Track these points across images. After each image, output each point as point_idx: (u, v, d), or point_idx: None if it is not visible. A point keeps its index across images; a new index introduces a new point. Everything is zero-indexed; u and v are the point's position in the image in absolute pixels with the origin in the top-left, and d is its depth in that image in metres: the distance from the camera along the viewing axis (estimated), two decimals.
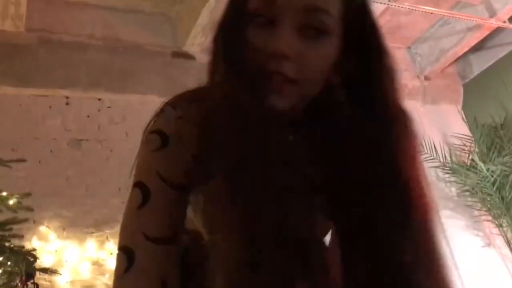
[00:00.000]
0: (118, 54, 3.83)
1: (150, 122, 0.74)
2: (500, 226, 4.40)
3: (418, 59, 5.14)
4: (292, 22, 0.66)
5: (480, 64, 5.24)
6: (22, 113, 3.53)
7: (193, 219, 0.72)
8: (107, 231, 3.31)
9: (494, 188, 4.34)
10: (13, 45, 3.50)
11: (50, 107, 3.62)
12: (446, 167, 4.55)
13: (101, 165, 3.58)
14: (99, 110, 3.75)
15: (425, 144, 4.51)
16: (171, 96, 0.80)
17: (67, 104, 3.67)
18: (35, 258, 2.58)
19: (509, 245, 4.35)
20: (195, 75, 4.38)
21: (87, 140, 3.66)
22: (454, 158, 4.62)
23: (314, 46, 0.68)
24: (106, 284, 3.18)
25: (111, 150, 3.65)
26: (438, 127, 4.86)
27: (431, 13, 4.28)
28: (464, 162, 4.61)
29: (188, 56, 4.05)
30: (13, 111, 3.50)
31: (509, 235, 4.36)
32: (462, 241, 4.30)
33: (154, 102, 4.54)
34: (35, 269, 2.60)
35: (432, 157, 4.50)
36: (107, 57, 3.79)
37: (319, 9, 0.67)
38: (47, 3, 3.67)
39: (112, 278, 0.68)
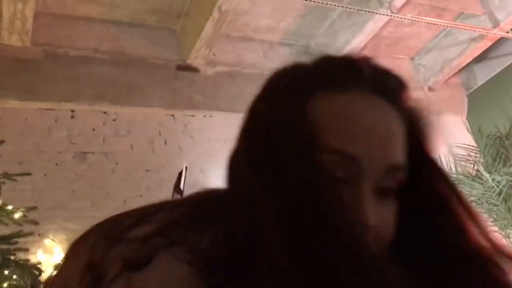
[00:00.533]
0: (123, 68, 3.86)
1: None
2: (507, 237, 4.36)
3: (421, 70, 5.15)
4: (371, 184, 0.56)
5: (484, 74, 5.24)
6: (28, 126, 3.55)
7: None
8: None
9: (500, 199, 4.32)
10: (19, 60, 3.54)
11: (56, 120, 3.65)
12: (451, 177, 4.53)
13: (106, 177, 3.59)
14: (104, 123, 3.77)
15: None
16: (175, 109, 0.63)
17: (72, 117, 3.70)
18: (40, 271, 2.58)
19: None
20: (199, 87, 4.40)
21: (93, 153, 3.68)
22: (459, 169, 4.60)
23: (389, 207, 0.58)
24: None
25: (116, 163, 3.67)
26: (442, 138, 4.84)
27: (434, 24, 4.30)
28: (469, 173, 4.59)
29: (192, 69, 4.08)
30: (19, 125, 3.52)
31: None
32: None
33: (159, 114, 4.55)
34: (40, 283, 2.60)
35: None
36: (112, 70, 3.82)
37: (398, 168, 0.58)
38: (53, 18, 3.71)
39: None
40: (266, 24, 4.31)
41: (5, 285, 2.39)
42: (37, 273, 2.53)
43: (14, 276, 2.44)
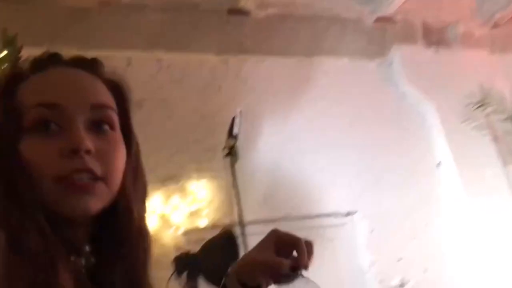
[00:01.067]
0: (174, 14, 3.85)
1: None
2: None
3: (485, 5, 4.85)
4: (81, 121, 0.69)
5: None
6: None
7: None
8: (171, 186, 3.43)
9: None
10: (74, 9, 3.60)
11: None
12: None
13: (162, 124, 3.65)
14: (159, 70, 3.82)
15: (493, 96, 4.31)
16: (228, 54, 0.77)
17: (128, 65, 3.76)
18: None
19: None
20: (251, 31, 4.32)
21: (149, 99, 3.75)
22: None
23: (109, 141, 0.71)
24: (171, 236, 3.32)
25: (172, 110, 3.73)
26: (507, 77, 4.61)
27: None
28: None
29: (243, 12, 4.02)
30: None
31: None
32: None
33: (212, 60, 4.51)
34: None
35: (500, 109, 4.30)
36: (164, 16, 3.82)
37: (103, 106, 0.72)
38: None
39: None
40: None
41: None
42: None
43: None
